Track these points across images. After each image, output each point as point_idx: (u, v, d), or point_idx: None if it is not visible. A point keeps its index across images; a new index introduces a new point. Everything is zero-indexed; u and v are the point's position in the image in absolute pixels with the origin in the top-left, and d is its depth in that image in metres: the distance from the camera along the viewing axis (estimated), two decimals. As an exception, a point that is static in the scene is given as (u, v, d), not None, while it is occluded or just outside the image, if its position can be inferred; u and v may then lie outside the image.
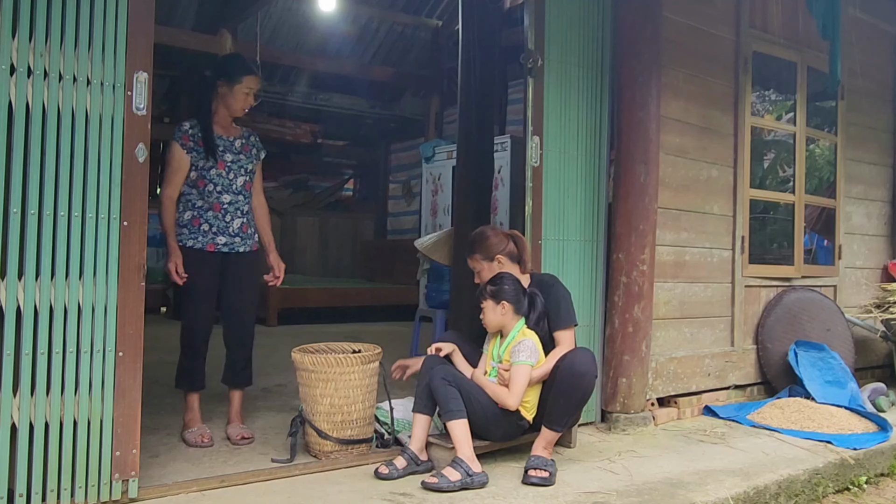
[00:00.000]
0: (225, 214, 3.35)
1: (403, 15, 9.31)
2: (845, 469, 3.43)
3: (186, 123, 3.33)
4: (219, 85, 3.36)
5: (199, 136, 3.30)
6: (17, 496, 2.26)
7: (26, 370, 2.29)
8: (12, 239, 2.27)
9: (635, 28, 3.82)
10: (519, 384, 2.96)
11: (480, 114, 4.07)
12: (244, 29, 8.15)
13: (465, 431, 2.88)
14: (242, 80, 3.34)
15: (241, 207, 3.40)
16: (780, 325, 4.68)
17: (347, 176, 12.60)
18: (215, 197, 3.33)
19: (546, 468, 2.92)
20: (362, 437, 3.14)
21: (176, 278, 3.23)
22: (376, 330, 7.33)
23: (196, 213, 3.33)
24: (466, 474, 2.78)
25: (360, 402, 3.11)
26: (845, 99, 5.37)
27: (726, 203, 4.54)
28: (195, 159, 3.30)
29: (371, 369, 3.16)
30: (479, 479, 2.80)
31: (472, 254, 3.30)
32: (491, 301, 3.11)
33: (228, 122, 3.42)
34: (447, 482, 2.74)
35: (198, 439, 3.21)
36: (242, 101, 3.37)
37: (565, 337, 3.14)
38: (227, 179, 3.35)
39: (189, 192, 3.34)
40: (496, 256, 3.24)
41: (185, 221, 3.32)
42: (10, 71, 2.26)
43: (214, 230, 3.33)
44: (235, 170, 3.37)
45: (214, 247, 3.33)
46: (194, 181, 3.32)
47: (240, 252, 3.40)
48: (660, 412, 4.03)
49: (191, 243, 3.30)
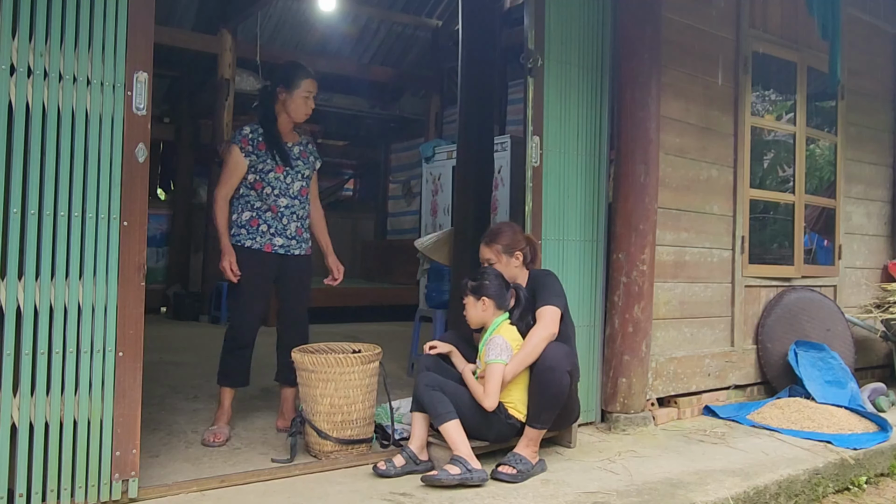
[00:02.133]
0: (282, 217, 3.41)
1: (403, 15, 9.32)
2: (845, 469, 3.43)
3: (247, 128, 3.40)
4: (279, 92, 3.42)
5: (260, 140, 3.37)
6: (17, 496, 2.26)
7: (26, 370, 2.29)
8: (12, 239, 2.27)
9: (635, 28, 3.82)
10: (492, 383, 2.91)
11: (480, 114, 4.08)
12: (244, 29, 8.16)
13: (459, 431, 2.87)
14: (301, 84, 3.42)
15: (297, 212, 3.46)
16: (780, 325, 4.68)
17: (347, 176, 12.59)
18: (273, 200, 3.39)
19: (516, 465, 2.91)
20: (362, 437, 3.14)
21: (230, 276, 3.29)
22: (376, 330, 7.32)
23: (255, 213, 3.38)
24: (466, 469, 2.78)
25: (360, 402, 3.11)
26: (845, 99, 5.37)
27: (726, 203, 4.54)
28: (254, 162, 3.36)
29: (371, 369, 3.16)
30: (478, 475, 2.80)
31: (493, 243, 3.25)
32: (472, 297, 3.08)
33: (289, 129, 3.50)
34: (447, 475, 2.74)
35: (209, 437, 3.22)
36: (303, 105, 3.44)
37: (541, 313, 3.06)
38: (285, 184, 3.41)
39: (248, 193, 3.40)
40: (516, 252, 3.23)
41: (244, 222, 3.38)
42: (10, 71, 2.26)
43: (272, 231, 3.39)
44: (293, 175, 3.43)
45: (272, 248, 3.38)
46: (252, 184, 3.38)
47: (295, 255, 3.45)
48: (660, 412, 4.03)
49: (249, 243, 3.35)
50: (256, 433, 3.44)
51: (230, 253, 3.31)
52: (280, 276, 3.45)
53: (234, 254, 3.31)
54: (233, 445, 3.24)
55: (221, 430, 3.28)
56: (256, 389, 4.18)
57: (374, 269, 10.14)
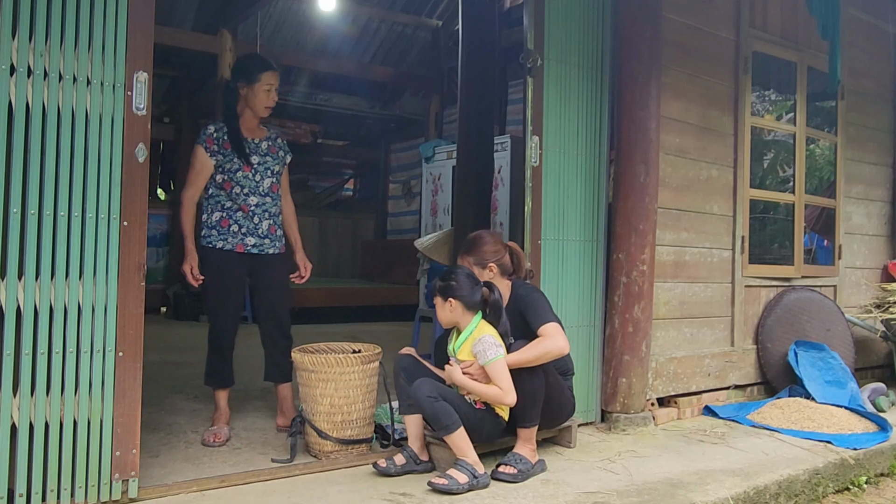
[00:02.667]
0: (253, 216, 3.37)
1: (403, 15, 9.32)
2: (845, 469, 3.43)
3: (211, 126, 3.35)
4: (239, 87, 3.38)
5: (225, 139, 3.31)
6: (17, 496, 2.26)
7: (26, 370, 2.29)
8: (12, 239, 2.27)
9: (635, 28, 3.82)
10: (505, 379, 2.86)
11: (480, 114, 4.08)
12: (244, 29, 8.15)
13: (465, 438, 2.84)
14: (261, 77, 3.35)
15: (269, 209, 3.42)
16: (780, 325, 4.68)
17: (347, 176, 12.60)
18: (243, 199, 3.35)
19: (516, 465, 2.92)
20: (362, 437, 3.14)
21: (191, 280, 3.24)
22: (376, 330, 7.32)
23: (225, 213, 3.34)
24: (473, 476, 2.77)
25: (360, 402, 3.11)
26: (845, 99, 5.37)
27: (726, 203, 4.54)
28: (220, 162, 3.32)
29: (371, 369, 3.16)
30: (483, 481, 2.80)
31: (466, 255, 3.21)
32: (440, 297, 2.99)
33: (254, 125, 3.44)
34: (457, 485, 2.72)
35: (209, 438, 3.22)
36: (265, 98, 3.38)
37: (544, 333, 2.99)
38: (254, 181, 3.37)
39: (217, 193, 3.35)
40: (489, 265, 3.16)
41: (214, 223, 3.34)
42: (10, 71, 2.26)
43: (244, 231, 3.35)
44: (262, 171, 3.39)
45: (244, 248, 3.35)
46: (221, 184, 3.34)
47: (269, 254, 3.42)
48: (660, 412, 4.03)
49: (220, 244, 3.32)
50: (256, 433, 3.44)
51: (193, 258, 3.26)
52: (256, 276, 3.41)
53: (196, 258, 3.26)
54: (233, 445, 3.24)
55: (221, 431, 3.28)
56: (256, 390, 4.18)
57: (374, 269, 10.13)
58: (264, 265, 3.41)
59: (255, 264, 3.40)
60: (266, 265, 3.42)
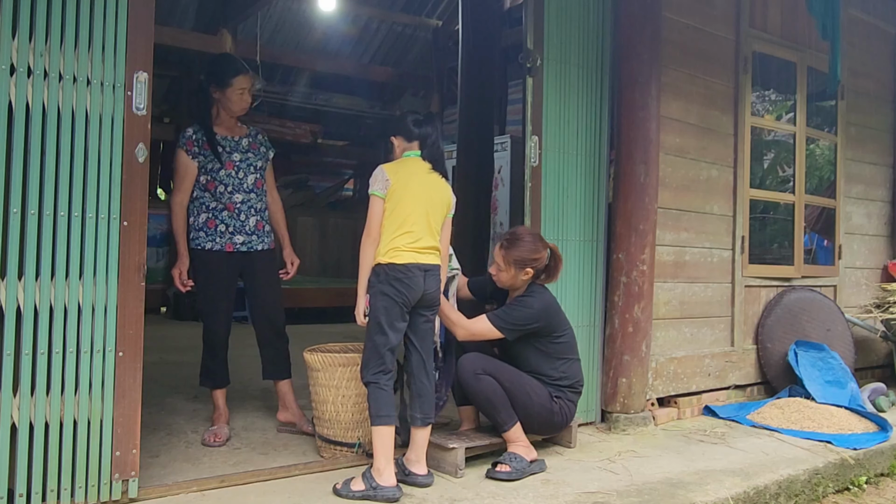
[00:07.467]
0: (239, 214, 3.36)
1: (403, 15, 9.31)
2: (845, 469, 3.43)
3: (190, 129, 3.34)
4: (212, 90, 3.35)
5: (204, 140, 3.30)
6: (17, 496, 2.26)
7: (26, 370, 2.29)
8: (12, 239, 2.26)
9: (635, 28, 3.82)
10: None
11: (480, 114, 4.08)
12: (244, 29, 8.15)
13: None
14: (233, 82, 3.32)
15: (255, 205, 3.41)
16: (780, 325, 4.68)
17: (347, 176, 12.59)
18: (227, 197, 3.34)
19: (510, 463, 2.95)
20: (362, 437, 3.13)
21: (179, 285, 3.25)
22: (376, 330, 7.29)
23: (211, 214, 3.34)
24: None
25: (364, 402, 3.10)
26: (845, 99, 5.37)
27: (726, 203, 4.54)
28: (203, 163, 3.31)
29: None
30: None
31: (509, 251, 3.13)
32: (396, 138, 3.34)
33: (233, 123, 3.43)
34: (348, 490, 2.67)
35: (208, 438, 3.22)
36: (238, 101, 3.36)
37: (480, 318, 3.11)
38: (238, 179, 3.36)
39: (201, 195, 3.35)
40: (527, 269, 3.14)
41: (201, 224, 3.33)
42: (10, 71, 2.26)
43: (231, 230, 3.35)
44: (245, 168, 3.38)
45: (233, 247, 3.35)
46: (204, 185, 3.33)
47: (258, 250, 3.42)
48: (660, 412, 4.03)
49: (209, 245, 3.32)
50: (256, 433, 3.43)
51: (182, 261, 3.27)
52: (247, 273, 3.42)
53: (186, 262, 3.28)
54: (233, 445, 3.24)
55: (221, 431, 3.28)
56: (256, 389, 4.18)
57: (374, 269, 10.10)
58: (255, 262, 3.41)
59: (245, 262, 3.39)
60: (256, 262, 3.41)
